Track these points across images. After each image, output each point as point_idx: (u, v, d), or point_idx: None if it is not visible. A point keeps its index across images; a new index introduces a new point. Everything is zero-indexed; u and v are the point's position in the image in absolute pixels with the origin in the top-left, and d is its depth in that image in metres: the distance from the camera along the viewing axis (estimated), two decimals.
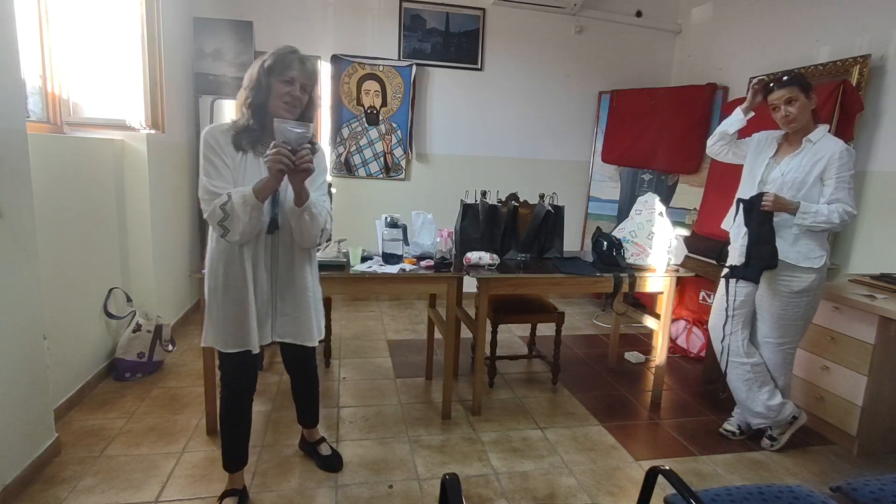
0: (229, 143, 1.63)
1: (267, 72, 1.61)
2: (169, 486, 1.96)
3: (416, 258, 2.50)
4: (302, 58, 1.64)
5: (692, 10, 4.49)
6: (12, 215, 1.82)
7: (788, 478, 2.20)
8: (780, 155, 2.30)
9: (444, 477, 1.02)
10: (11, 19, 1.82)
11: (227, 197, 1.55)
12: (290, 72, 1.61)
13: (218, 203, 1.54)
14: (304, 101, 1.69)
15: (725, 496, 1.25)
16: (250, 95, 1.63)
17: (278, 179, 1.55)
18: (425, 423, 2.51)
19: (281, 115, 1.61)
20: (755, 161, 2.37)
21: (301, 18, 4.08)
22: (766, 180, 2.29)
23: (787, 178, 2.21)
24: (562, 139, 4.72)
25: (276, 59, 1.61)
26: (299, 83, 1.64)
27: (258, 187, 1.55)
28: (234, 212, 1.54)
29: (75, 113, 2.76)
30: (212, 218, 1.57)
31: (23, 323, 1.90)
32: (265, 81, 1.61)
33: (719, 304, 2.43)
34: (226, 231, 1.57)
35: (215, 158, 1.60)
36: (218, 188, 1.57)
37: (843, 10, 3.12)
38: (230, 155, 1.63)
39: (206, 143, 1.61)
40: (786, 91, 2.17)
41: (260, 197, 1.55)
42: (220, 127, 1.65)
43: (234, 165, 1.63)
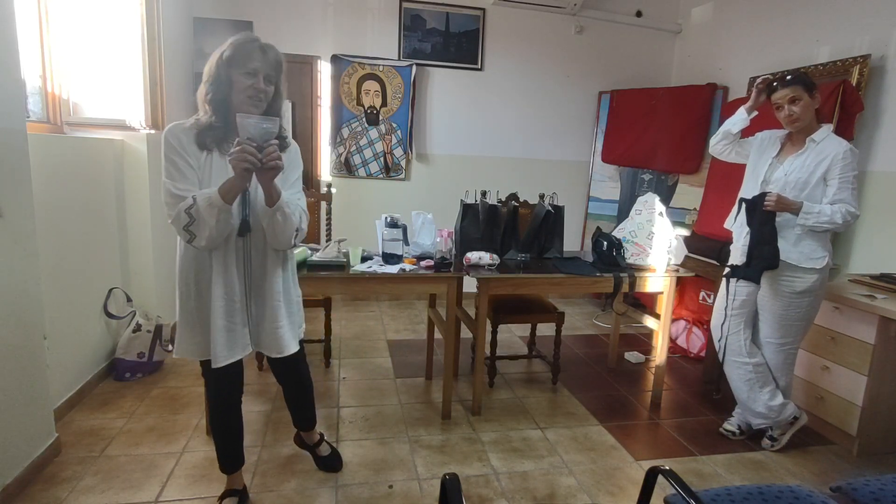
0: (192, 142, 1.52)
1: (226, 64, 1.48)
2: (169, 486, 1.96)
3: (416, 258, 2.50)
4: (263, 46, 1.52)
5: (692, 10, 4.49)
6: (12, 215, 1.82)
7: (788, 478, 2.20)
8: (784, 154, 2.29)
9: (444, 477, 1.02)
10: (11, 19, 1.82)
11: (193, 200, 1.44)
12: (251, 63, 1.49)
13: (183, 207, 1.44)
14: (270, 94, 1.56)
15: (725, 496, 1.25)
16: (210, 90, 1.51)
17: (244, 179, 1.44)
18: (425, 423, 2.51)
19: (245, 109, 1.50)
20: (758, 160, 2.36)
21: (301, 18, 4.08)
22: (769, 180, 2.28)
23: (790, 178, 2.21)
24: (562, 139, 4.72)
25: (235, 49, 1.48)
26: (262, 74, 1.51)
27: (224, 188, 1.45)
28: (200, 216, 1.43)
29: (75, 113, 2.76)
30: (177, 223, 1.46)
31: (23, 323, 1.90)
32: (225, 74, 1.49)
33: (720, 303, 2.43)
34: (192, 236, 1.47)
35: (177, 159, 1.49)
36: (181, 191, 1.47)
37: (843, 10, 3.12)
38: (193, 155, 1.51)
39: (168, 142, 1.50)
40: (790, 90, 2.16)
41: (227, 198, 1.45)
42: (182, 125, 1.53)
43: (199, 166, 1.52)
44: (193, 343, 1.64)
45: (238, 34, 1.53)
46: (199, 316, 1.62)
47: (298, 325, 1.82)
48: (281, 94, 1.60)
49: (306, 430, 2.09)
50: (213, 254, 1.56)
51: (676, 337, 3.60)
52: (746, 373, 2.35)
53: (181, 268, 1.61)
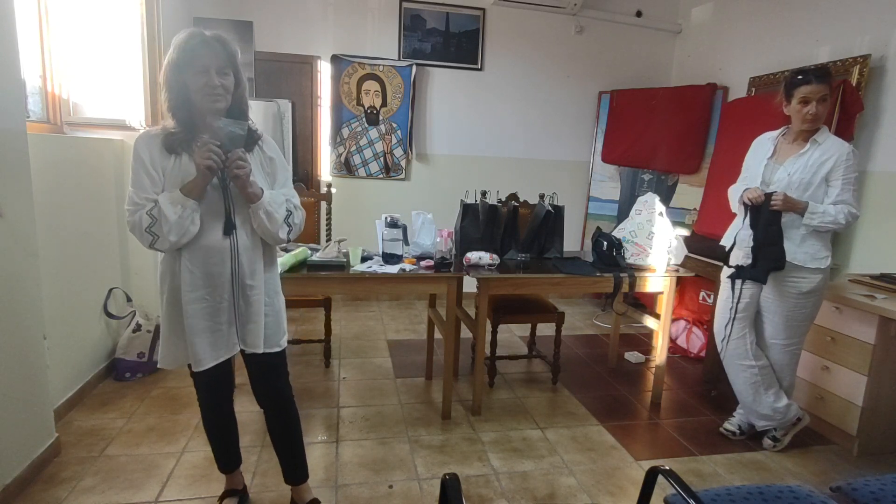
0: (159, 148, 1.47)
1: (175, 67, 1.42)
2: (169, 486, 1.96)
3: (416, 258, 2.50)
4: (207, 40, 1.43)
5: (692, 10, 4.49)
6: (12, 215, 1.82)
7: (788, 478, 2.20)
8: (781, 155, 2.26)
9: (444, 477, 1.02)
10: (11, 19, 1.82)
11: (153, 203, 1.42)
12: (197, 61, 1.41)
13: (145, 210, 1.42)
14: (230, 86, 1.48)
15: (725, 496, 1.25)
16: (168, 98, 1.46)
17: (206, 177, 1.43)
18: (425, 423, 2.51)
19: (208, 108, 1.45)
20: (752, 163, 2.35)
21: (301, 18, 4.08)
22: (769, 181, 2.25)
23: (793, 179, 2.17)
24: (562, 139, 4.72)
25: (179, 51, 1.41)
26: (213, 69, 1.42)
27: (186, 187, 1.43)
28: (162, 214, 1.41)
29: (75, 113, 2.76)
30: (138, 227, 1.43)
31: (23, 323, 1.90)
32: (176, 79, 1.43)
33: (724, 304, 2.41)
34: (154, 238, 1.43)
35: (140, 168, 1.45)
36: (142, 200, 1.44)
37: (843, 10, 3.12)
38: (160, 163, 1.47)
39: (135, 151, 1.46)
40: (824, 87, 2.07)
41: (189, 195, 1.43)
42: (151, 132, 1.50)
43: (169, 171, 1.47)
44: (179, 349, 1.57)
45: (182, 32, 1.44)
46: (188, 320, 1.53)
47: (282, 333, 1.71)
48: (242, 83, 1.52)
49: (296, 482, 1.82)
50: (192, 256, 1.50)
51: (676, 337, 3.60)
52: (752, 376, 2.33)
53: (162, 273, 1.56)
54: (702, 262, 3.14)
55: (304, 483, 1.83)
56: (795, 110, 2.15)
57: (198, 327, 1.53)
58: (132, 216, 1.44)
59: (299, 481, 1.83)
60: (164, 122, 1.51)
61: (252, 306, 1.59)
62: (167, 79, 1.44)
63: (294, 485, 1.83)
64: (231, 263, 1.54)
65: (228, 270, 1.54)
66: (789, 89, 2.17)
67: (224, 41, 1.46)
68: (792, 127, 2.24)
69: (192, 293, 1.51)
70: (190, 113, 1.47)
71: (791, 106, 2.17)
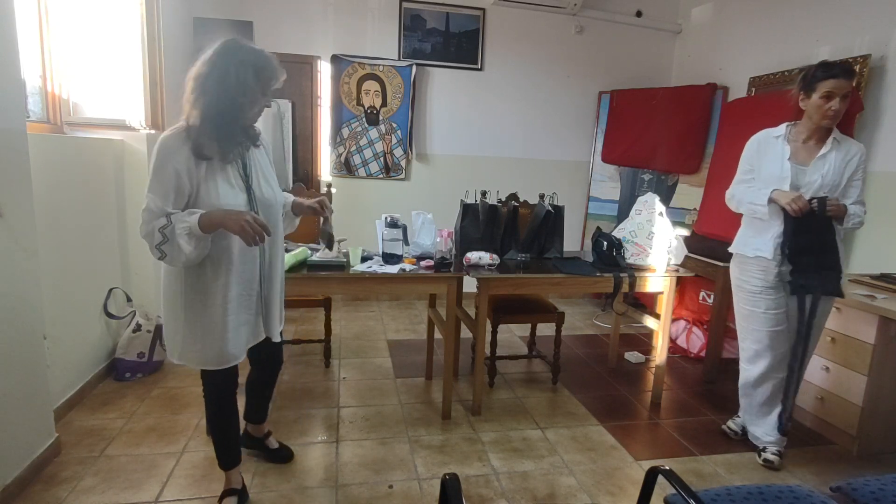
0: (189, 154, 1.49)
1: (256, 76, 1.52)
2: (169, 486, 1.96)
3: (416, 258, 2.51)
4: (280, 69, 1.60)
5: (692, 10, 4.49)
6: (12, 215, 1.82)
7: (788, 478, 2.20)
8: (800, 156, 2.11)
9: (444, 477, 1.02)
10: (11, 19, 1.82)
11: (167, 220, 1.45)
12: (275, 84, 1.58)
13: (157, 225, 1.45)
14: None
15: (725, 496, 1.25)
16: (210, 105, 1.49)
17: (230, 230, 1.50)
18: (425, 423, 2.51)
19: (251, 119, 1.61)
20: (762, 163, 2.19)
21: (301, 18, 4.08)
22: (798, 185, 2.08)
23: (826, 181, 2.04)
24: (562, 139, 4.72)
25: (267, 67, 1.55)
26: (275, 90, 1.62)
27: (207, 223, 1.45)
28: (175, 240, 1.44)
29: (75, 113, 2.76)
30: (149, 238, 1.47)
31: (23, 323, 1.90)
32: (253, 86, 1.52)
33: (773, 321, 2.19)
34: (163, 255, 1.47)
35: (167, 179, 1.47)
36: (158, 210, 1.47)
37: (843, 10, 3.12)
38: (194, 172, 1.50)
39: (163, 158, 1.47)
40: (849, 83, 1.96)
41: (206, 231, 1.47)
42: (177, 137, 1.50)
43: (202, 176, 1.51)
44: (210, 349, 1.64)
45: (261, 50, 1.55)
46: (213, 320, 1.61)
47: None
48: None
49: (259, 422, 2.13)
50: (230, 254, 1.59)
51: (676, 337, 3.60)
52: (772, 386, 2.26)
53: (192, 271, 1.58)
54: (702, 262, 3.14)
55: (264, 422, 2.15)
56: (816, 105, 2.01)
57: (236, 322, 1.65)
58: (147, 225, 1.47)
59: (262, 420, 2.13)
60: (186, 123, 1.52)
61: (273, 296, 1.78)
62: (236, 82, 1.49)
63: (260, 423, 2.13)
64: (260, 258, 1.70)
65: (258, 265, 1.70)
66: (811, 83, 2.02)
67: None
68: (805, 123, 2.11)
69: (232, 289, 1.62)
70: (229, 122, 1.53)
71: (811, 100, 2.03)
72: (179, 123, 1.54)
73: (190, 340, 1.64)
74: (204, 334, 1.62)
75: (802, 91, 2.08)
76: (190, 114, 1.51)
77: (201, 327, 1.62)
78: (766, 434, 2.31)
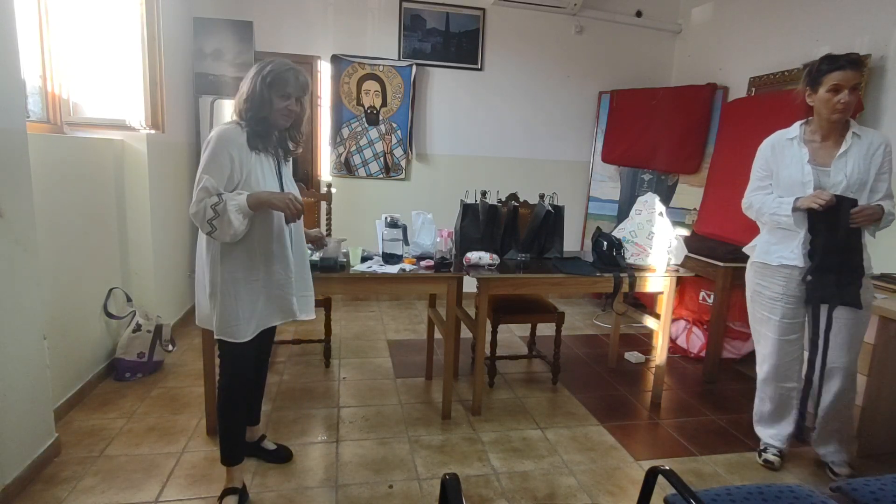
0: (245, 144, 1.72)
1: (267, 87, 1.72)
2: (169, 486, 1.96)
3: (416, 258, 2.51)
4: (297, 72, 1.76)
5: (692, 10, 4.49)
6: (12, 215, 1.82)
7: (788, 478, 2.20)
8: (819, 158, 2.00)
9: (444, 477, 1.02)
10: (11, 19, 1.82)
11: (219, 198, 1.62)
12: (287, 88, 1.73)
13: (210, 202, 1.61)
14: (299, 111, 1.82)
15: (725, 496, 1.25)
16: (252, 108, 1.73)
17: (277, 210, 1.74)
18: (425, 423, 2.51)
19: (279, 124, 1.78)
20: (781, 167, 2.08)
21: (301, 18, 4.08)
22: (822, 187, 1.97)
23: (852, 181, 1.92)
24: (562, 139, 4.72)
25: (275, 76, 1.72)
26: (294, 96, 1.76)
27: (255, 202, 1.66)
28: (227, 215, 1.61)
29: (75, 113, 2.76)
30: (200, 215, 1.62)
31: (23, 323, 1.90)
32: (267, 96, 1.72)
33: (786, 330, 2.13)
34: (213, 230, 1.63)
35: (224, 160, 1.67)
36: (213, 189, 1.64)
37: (843, 10, 3.12)
38: (246, 160, 1.71)
39: (223, 143, 1.68)
40: (857, 74, 1.87)
41: (254, 209, 1.67)
42: (235, 128, 1.73)
43: (250, 165, 1.72)
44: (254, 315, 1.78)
45: (277, 60, 1.76)
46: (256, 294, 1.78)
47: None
48: (305, 108, 1.85)
49: (254, 423, 2.17)
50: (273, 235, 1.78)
51: (676, 337, 3.60)
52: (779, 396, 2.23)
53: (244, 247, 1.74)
54: (702, 262, 3.14)
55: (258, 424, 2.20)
56: (824, 99, 1.92)
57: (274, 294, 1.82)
58: (200, 203, 1.62)
59: (257, 422, 2.18)
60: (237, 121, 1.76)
61: (304, 279, 1.94)
62: (257, 93, 1.71)
63: (253, 425, 2.15)
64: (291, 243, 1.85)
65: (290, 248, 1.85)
66: (817, 77, 1.93)
67: (305, 77, 1.80)
68: (816, 120, 2.01)
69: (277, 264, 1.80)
70: (266, 122, 1.76)
71: (818, 95, 1.94)
72: (233, 119, 1.79)
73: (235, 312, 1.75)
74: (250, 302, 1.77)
75: (808, 86, 1.99)
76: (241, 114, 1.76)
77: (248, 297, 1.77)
78: (771, 437, 2.29)
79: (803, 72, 2.02)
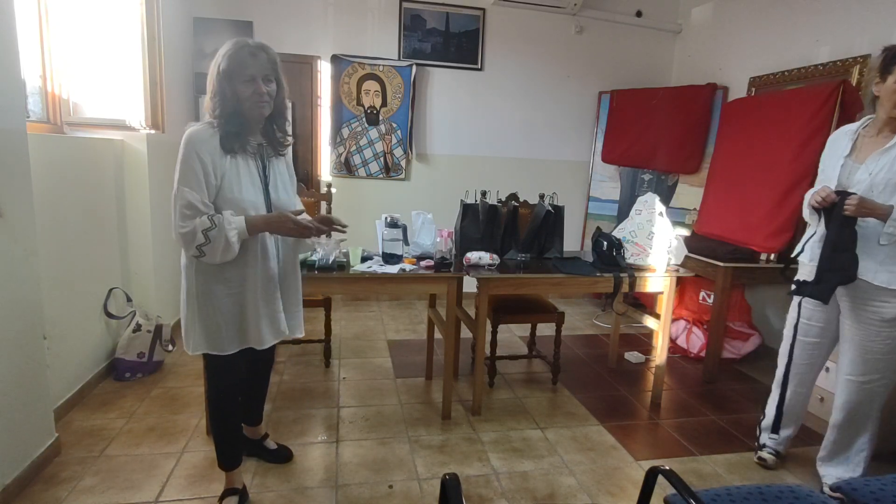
0: (217, 147, 1.55)
1: (225, 77, 1.53)
2: (169, 486, 1.96)
3: (416, 258, 2.51)
4: (254, 51, 1.55)
5: (692, 10, 4.49)
6: (12, 215, 1.82)
7: (788, 478, 2.20)
8: (863, 152, 1.90)
9: (444, 477, 1.02)
10: (11, 19, 1.82)
11: (211, 223, 1.49)
12: (246, 70, 1.53)
13: (200, 227, 1.48)
14: (274, 92, 1.61)
15: (725, 496, 1.25)
16: (217, 105, 1.55)
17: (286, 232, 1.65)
18: (425, 423, 2.51)
19: (254, 114, 1.59)
20: (828, 162, 2.02)
21: (301, 18, 4.08)
22: (847, 184, 1.89)
23: (876, 179, 1.81)
24: (562, 139, 4.72)
25: (229, 61, 1.53)
26: (260, 77, 1.55)
27: (255, 225, 1.56)
28: (220, 240, 1.48)
29: (75, 113, 2.76)
30: (189, 237, 1.48)
31: (23, 323, 1.90)
32: (228, 88, 1.54)
33: (789, 325, 2.13)
34: (201, 255, 1.51)
35: (197, 167, 1.50)
36: (202, 205, 1.50)
37: (843, 10, 3.12)
38: (219, 165, 1.54)
39: (191, 149, 1.50)
40: None
41: (252, 233, 1.57)
42: (206, 130, 1.55)
43: (227, 172, 1.55)
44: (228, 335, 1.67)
45: (229, 42, 1.55)
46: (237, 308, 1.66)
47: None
48: (283, 87, 1.64)
49: (255, 423, 2.14)
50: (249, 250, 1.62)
51: (676, 337, 3.60)
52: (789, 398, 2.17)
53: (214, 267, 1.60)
54: (702, 262, 3.14)
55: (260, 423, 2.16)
56: (889, 91, 1.77)
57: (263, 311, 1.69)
58: (187, 221, 1.48)
59: (260, 422, 2.15)
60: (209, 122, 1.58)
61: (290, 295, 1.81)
62: (219, 88, 1.53)
63: (255, 425, 2.13)
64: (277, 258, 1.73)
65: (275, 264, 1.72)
66: (889, 64, 1.78)
67: (267, 49, 1.58)
68: (878, 114, 1.87)
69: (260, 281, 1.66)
70: (240, 118, 1.57)
71: (885, 85, 1.79)
72: (206, 119, 1.61)
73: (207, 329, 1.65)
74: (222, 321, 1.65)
75: (879, 74, 1.83)
76: (210, 111, 1.59)
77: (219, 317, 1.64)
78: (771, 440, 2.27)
79: (879, 56, 1.86)
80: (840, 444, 2.07)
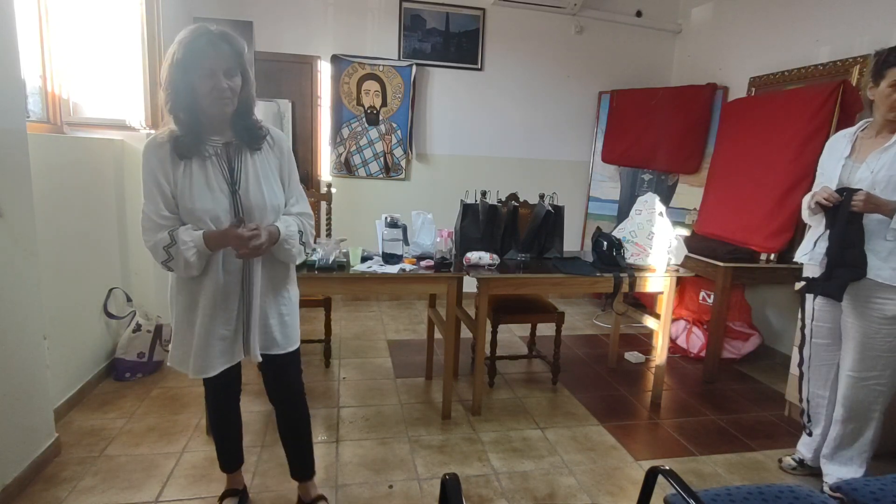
0: (169, 155, 1.41)
1: (180, 68, 1.34)
2: (169, 486, 1.96)
3: (416, 258, 2.50)
4: (214, 40, 1.35)
5: (692, 10, 4.49)
6: (12, 215, 1.82)
7: (788, 478, 2.20)
8: (862, 152, 1.92)
9: (444, 477, 1.02)
10: (11, 19, 1.82)
11: (171, 239, 1.40)
12: (205, 62, 1.34)
13: (161, 243, 1.40)
14: (238, 87, 1.42)
15: (725, 496, 1.25)
16: (170, 99, 1.38)
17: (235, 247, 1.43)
18: (425, 423, 2.51)
19: (214, 112, 1.41)
20: (828, 163, 2.04)
21: (301, 18, 4.08)
22: (848, 183, 1.90)
23: (878, 177, 1.83)
24: (562, 139, 4.72)
25: (185, 50, 1.33)
26: (221, 70, 1.36)
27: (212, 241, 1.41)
28: (180, 257, 1.40)
29: (75, 113, 2.76)
30: (154, 252, 1.43)
31: (23, 323, 1.90)
32: (182, 80, 1.35)
33: (815, 333, 2.09)
34: (168, 270, 1.47)
35: (151, 183, 1.40)
36: (161, 219, 1.41)
37: (843, 10, 3.12)
38: (171, 174, 1.42)
39: (146, 160, 1.41)
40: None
41: (212, 249, 1.43)
42: (158, 139, 1.43)
43: (179, 180, 1.42)
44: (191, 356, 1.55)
45: (187, 29, 1.36)
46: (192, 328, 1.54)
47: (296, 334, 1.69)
48: (249, 81, 1.45)
49: (303, 479, 1.83)
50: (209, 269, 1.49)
51: (676, 337, 3.60)
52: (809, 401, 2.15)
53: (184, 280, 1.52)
54: (702, 262, 3.14)
55: (311, 480, 1.84)
56: (884, 95, 1.80)
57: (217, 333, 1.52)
58: (149, 235, 1.43)
59: (306, 478, 1.83)
60: (168, 126, 1.43)
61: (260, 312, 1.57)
62: (171, 79, 1.35)
63: (301, 481, 1.83)
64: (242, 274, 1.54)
65: (240, 280, 1.54)
66: (881, 69, 1.80)
67: (231, 39, 1.38)
68: (875, 118, 1.91)
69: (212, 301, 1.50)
70: (196, 115, 1.40)
71: (879, 89, 1.82)
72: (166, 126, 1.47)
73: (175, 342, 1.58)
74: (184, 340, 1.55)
75: (871, 78, 1.86)
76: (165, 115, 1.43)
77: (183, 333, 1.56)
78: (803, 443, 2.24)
79: (871, 61, 1.88)
80: (842, 441, 2.06)
